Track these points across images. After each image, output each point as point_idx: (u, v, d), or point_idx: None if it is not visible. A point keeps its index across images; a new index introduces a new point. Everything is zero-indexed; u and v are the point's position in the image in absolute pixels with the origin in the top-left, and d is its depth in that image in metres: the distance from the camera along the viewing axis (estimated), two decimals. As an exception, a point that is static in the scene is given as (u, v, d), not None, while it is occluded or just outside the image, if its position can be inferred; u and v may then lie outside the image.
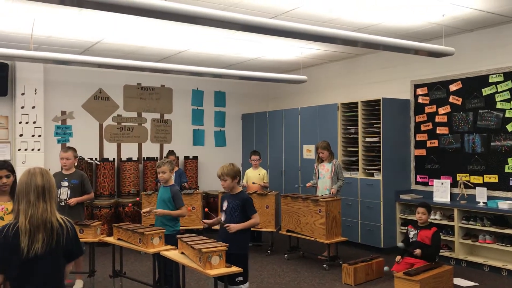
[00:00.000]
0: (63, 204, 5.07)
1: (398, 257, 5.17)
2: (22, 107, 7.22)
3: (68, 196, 5.12)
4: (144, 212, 5.01)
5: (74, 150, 5.36)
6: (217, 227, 4.46)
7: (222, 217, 4.16)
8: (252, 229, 6.69)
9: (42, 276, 2.37)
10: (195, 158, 8.76)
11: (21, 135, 7.20)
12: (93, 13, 5.08)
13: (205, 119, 9.20)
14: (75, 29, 5.79)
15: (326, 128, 7.45)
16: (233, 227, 3.96)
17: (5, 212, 3.41)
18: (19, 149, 7.18)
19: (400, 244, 5.30)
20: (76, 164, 5.44)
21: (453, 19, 5.59)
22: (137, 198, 6.61)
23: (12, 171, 3.52)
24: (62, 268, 2.46)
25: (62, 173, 5.28)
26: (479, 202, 5.92)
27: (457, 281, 5.28)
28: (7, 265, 2.34)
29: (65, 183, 5.15)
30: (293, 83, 7.70)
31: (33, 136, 7.28)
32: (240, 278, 3.87)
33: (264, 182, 7.15)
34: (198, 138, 9.09)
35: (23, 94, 7.21)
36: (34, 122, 7.30)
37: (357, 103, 7.00)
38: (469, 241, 5.95)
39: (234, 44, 6.67)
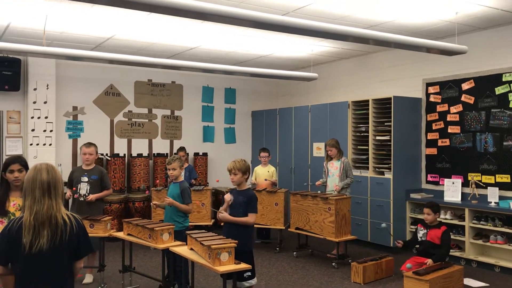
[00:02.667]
0: (82, 199, 5.12)
1: (398, 241, 5.27)
2: (34, 102, 7.28)
3: (88, 192, 5.18)
4: (154, 204, 5.17)
5: (96, 146, 5.42)
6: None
7: (227, 211, 4.14)
8: (260, 226, 6.78)
9: (47, 272, 2.37)
10: (205, 154, 8.78)
11: (33, 130, 7.26)
12: (105, 9, 5.11)
13: (215, 115, 9.20)
14: (87, 25, 5.82)
15: (336, 126, 7.42)
16: (222, 217, 4.04)
17: (17, 208, 3.43)
18: (31, 144, 7.24)
19: (383, 225, 5.72)
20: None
21: (466, 16, 5.53)
22: (147, 192, 6.63)
23: (25, 166, 3.53)
24: (68, 265, 2.44)
25: (82, 168, 5.34)
26: (490, 202, 5.86)
27: (467, 281, 5.24)
28: (7, 258, 2.35)
29: (85, 179, 5.21)
30: (303, 80, 7.67)
31: (44, 131, 7.34)
32: (249, 274, 3.89)
33: (273, 179, 7.14)
34: (208, 135, 9.10)
35: (35, 89, 7.27)
36: (46, 117, 7.36)
37: (368, 101, 6.96)
38: (480, 241, 5.89)
39: (245, 41, 6.66)
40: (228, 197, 4.13)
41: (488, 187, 5.97)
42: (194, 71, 7.11)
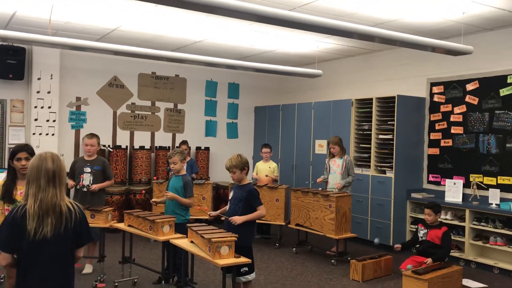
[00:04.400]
0: (85, 189, 5.14)
1: (397, 245, 5.25)
2: (38, 92, 7.28)
3: (91, 182, 5.19)
4: (154, 201, 5.09)
5: (98, 137, 5.42)
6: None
7: (227, 206, 4.19)
8: (261, 221, 6.79)
9: (51, 259, 2.40)
10: (207, 149, 8.79)
11: (36, 120, 7.27)
12: (111, 0, 5.10)
13: (218, 110, 9.20)
14: (93, 15, 5.82)
15: (339, 124, 7.41)
16: (238, 219, 3.97)
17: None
18: (34, 133, 7.26)
19: (376, 241, 5.72)
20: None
21: (473, 17, 5.51)
22: (143, 191, 6.63)
23: (32, 154, 3.52)
24: (70, 252, 2.48)
25: (84, 159, 5.35)
26: (491, 204, 5.85)
27: (466, 282, 5.24)
28: (13, 245, 2.37)
29: (88, 169, 5.22)
30: (307, 77, 7.66)
31: (47, 121, 7.35)
32: (246, 269, 3.89)
33: (274, 175, 7.14)
34: (210, 129, 9.10)
35: (39, 79, 7.28)
36: (49, 107, 7.36)
37: (371, 99, 6.94)
38: (479, 243, 5.89)
39: (250, 35, 6.65)
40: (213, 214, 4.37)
41: (490, 189, 5.97)
42: (198, 64, 7.10)
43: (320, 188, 6.54)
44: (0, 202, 3.56)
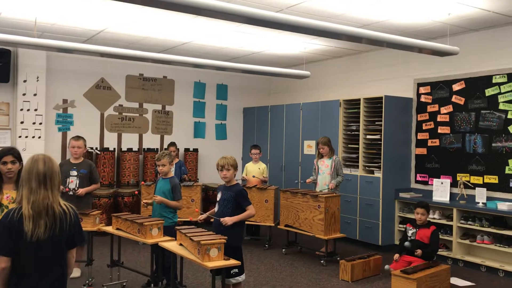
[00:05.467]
0: (71, 193, 5.08)
1: (396, 255, 5.18)
2: (24, 94, 7.20)
3: (77, 186, 5.14)
4: (145, 202, 5.01)
5: (84, 139, 5.37)
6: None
7: (216, 208, 4.17)
8: (250, 222, 6.78)
9: (45, 261, 2.41)
10: (196, 150, 8.76)
11: (22, 122, 7.19)
12: (97, 1, 5.07)
13: (207, 111, 9.18)
14: (79, 17, 5.77)
15: (327, 124, 7.43)
16: (229, 220, 3.96)
17: (10, 201, 3.38)
18: (20, 136, 7.17)
19: (407, 243, 5.15)
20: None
21: (458, 18, 5.56)
22: (136, 192, 6.58)
23: (18, 158, 3.48)
24: (65, 255, 2.50)
25: (70, 162, 5.29)
26: (478, 203, 5.91)
27: (454, 280, 5.29)
28: (14, 248, 2.37)
29: (74, 173, 5.17)
30: (296, 78, 7.68)
31: (34, 123, 7.27)
32: (235, 270, 3.88)
33: (263, 176, 7.14)
34: (199, 131, 9.07)
35: (25, 81, 7.20)
36: (36, 110, 7.29)
37: (359, 100, 6.98)
38: (467, 241, 5.95)
39: (238, 37, 6.64)
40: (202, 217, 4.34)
41: (476, 188, 6.03)
42: (186, 66, 7.08)
43: (309, 189, 6.55)
44: None
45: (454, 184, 6.34)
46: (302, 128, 7.99)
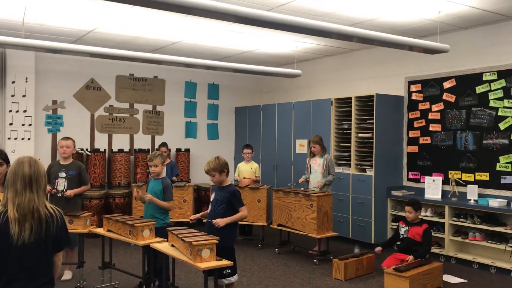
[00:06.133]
0: (60, 195, 5.02)
1: (378, 248, 5.26)
2: (13, 96, 7.12)
3: (66, 188, 5.07)
4: (137, 190, 4.95)
5: (73, 140, 5.31)
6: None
7: (209, 208, 4.15)
8: (243, 222, 6.76)
9: (31, 264, 2.37)
10: (187, 150, 8.72)
11: (11, 124, 7.11)
12: (87, 1, 5.01)
13: (198, 111, 9.14)
14: (68, 17, 5.71)
15: (319, 123, 7.43)
16: (221, 222, 3.93)
17: None
18: (9, 138, 7.09)
19: (356, 251, 5.53)
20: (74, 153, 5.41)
21: (448, 16, 5.58)
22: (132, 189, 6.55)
23: (5, 159, 3.45)
24: (52, 258, 2.46)
25: (59, 163, 5.22)
26: (470, 200, 5.94)
27: (447, 277, 5.31)
28: (0, 251, 2.33)
29: (63, 174, 5.11)
30: (287, 77, 7.66)
31: (23, 125, 7.19)
32: (228, 271, 3.86)
33: (256, 176, 7.12)
34: (190, 131, 9.03)
35: (13, 82, 7.12)
36: (25, 111, 7.21)
37: (351, 98, 6.98)
38: (459, 238, 5.97)
39: (229, 36, 6.61)
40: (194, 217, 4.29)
41: (468, 185, 6.06)
42: (177, 66, 7.04)
43: (302, 188, 6.55)
44: None
45: (446, 181, 6.37)
46: (294, 127, 7.98)
